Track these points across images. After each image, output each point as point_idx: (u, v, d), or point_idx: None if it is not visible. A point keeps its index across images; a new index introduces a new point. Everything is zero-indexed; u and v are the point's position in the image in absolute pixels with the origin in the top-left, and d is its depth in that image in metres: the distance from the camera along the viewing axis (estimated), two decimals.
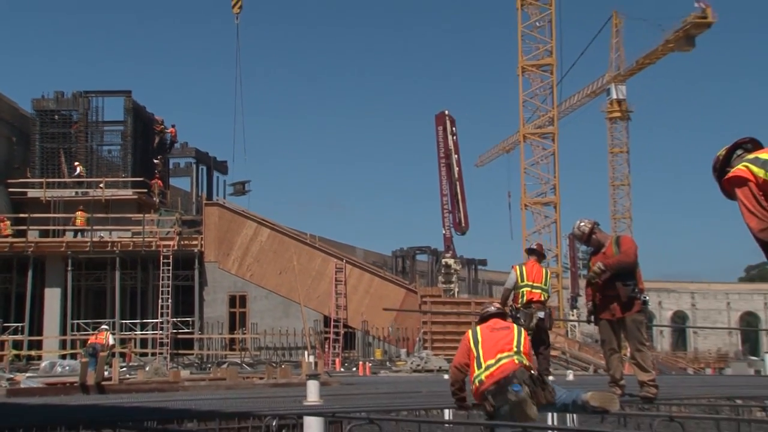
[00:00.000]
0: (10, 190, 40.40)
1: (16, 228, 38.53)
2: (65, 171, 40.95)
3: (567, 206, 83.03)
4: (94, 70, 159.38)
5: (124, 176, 41.11)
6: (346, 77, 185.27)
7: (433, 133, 53.00)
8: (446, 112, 52.71)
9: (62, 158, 41.19)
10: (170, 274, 37.51)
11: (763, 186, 4.26)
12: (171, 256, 37.74)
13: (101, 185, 40.17)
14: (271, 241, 40.02)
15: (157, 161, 43.59)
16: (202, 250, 39.15)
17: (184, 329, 38.36)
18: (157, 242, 38.17)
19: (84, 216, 38.75)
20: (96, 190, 40.06)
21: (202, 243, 39.20)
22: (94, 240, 38.23)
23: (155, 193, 41.77)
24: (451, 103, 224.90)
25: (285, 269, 39.37)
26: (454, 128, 52.65)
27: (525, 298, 9.82)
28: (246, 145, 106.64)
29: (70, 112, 42.50)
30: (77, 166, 40.64)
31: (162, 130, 44.48)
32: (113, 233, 39.20)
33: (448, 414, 13.77)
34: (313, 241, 41.58)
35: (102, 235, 38.94)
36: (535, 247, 10.83)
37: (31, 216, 38.57)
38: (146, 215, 39.38)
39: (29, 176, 41.03)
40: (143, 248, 38.22)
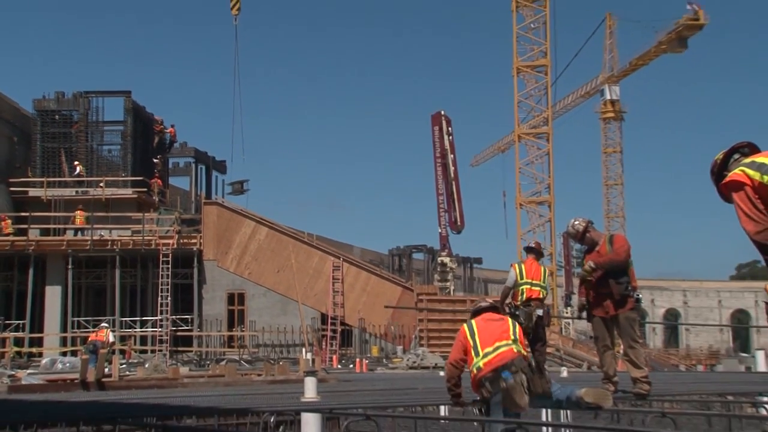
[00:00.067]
0: (12, 189, 40.39)
1: (17, 226, 38.51)
2: (66, 170, 40.92)
3: (561, 205, 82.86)
4: (95, 71, 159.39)
5: (124, 175, 41.09)
6: (344, 78, 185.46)
7: (430, 133, 53.09)
8: (442, 113, 52.76)
9: (63, 158, 41.17)
10: (169, 272, 37.52)
11: (760, 189, 4.31)
12: (170, 254, 37.75)
13: (101, 184, 40.17)
14: (269, 240, 40.01)
15: (157, 161, 43.58)
16: (201, 249, 39.15)
17: (183, 327, 38.37)
18: (156, 241, 38.17)
19: (83, 215, 38.75)
20: (96, 189, 40.08)
21: (201, 241, 39.19)
22: (95, 238, 38.24)
23: (155, 192, 41.76)
24: (447, 104, 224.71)
25: (283, 267, 39.37)
26: (450, 128, 52.72)
27: (524, 296, 9.82)
28: (244, 145, 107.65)
29: (71, 112, 42.48)
30: (77, 166, 40.61)
31: (161, 129, 44.47)
32: (113, 232, 39.17)
33: (443, 410, 13.78)
34: (311, 239, 41.58)
35: (102, 234, 38.92)
36: (534, 245, 10.83)
37: (32, 215, 38.59)
38: (146, 214, 39.40)
39: (30, 175, 41.00)
40: (143, 247, 38.23)
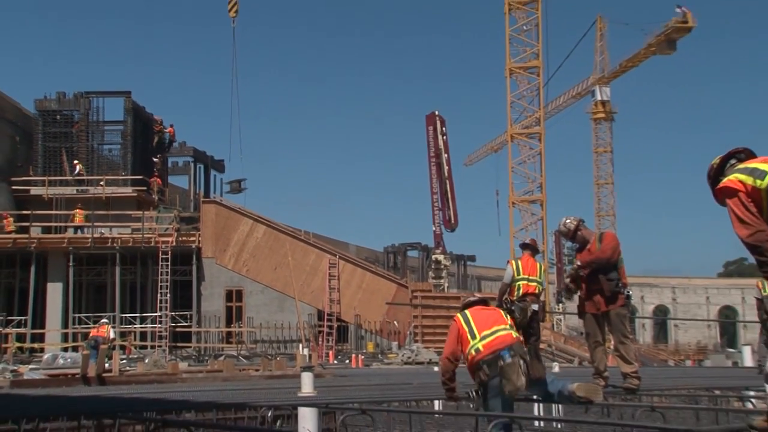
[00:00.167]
0: (14, 187, 40.34)
1: (19, 224, 38.49)
2: (67, 169, 40.87)
3: (553, 204, 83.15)
4: (95, 72, 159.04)
5: (124, 174, 41.04)
6: (340, 78, 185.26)
7: (424, 133, 53.10)
8: (436, 113, 52.77)
9: (64, 157, 41.13)
10: (169, 270, 37.48)
11: (753, 193, 4.49)
12: (169, 251, 37.71)
13: (102, 183, 40.13)
14: (267, 238, 39.98)
15: (156, 160, 43.52)
16: (200, 246, 39.11)
17: (182, 323, 38.34)
18: (156, 238, 38.13)
19: (82, 213, 38.74)
20: (97, 187, 40.05)
21: (199, 239, 39.15)
22: (95, 236, 38.22)
23: (154, 191, 41.71)
24: (442, 104, 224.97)
25: (280, 265, 39.35)
26: (444, 128, 52.73)
27: (521, 291, 9.82)
28: (242, 145, 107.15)
29: (72, 112, 42.42)
30: (77, 165, 40.56)
31: (161, 129, 44.43)
32: (113, 230, 39.12)
33: (438, 405, 13.80)
34: (308, 237, 41.56)
35: (102, 232, 38.88)
36: (529, 242, 10.82)
37: (34, 213, 38.56)
38: (145, 212, 39.39)
39: (32, 174, 40.96)
40: (142, 244, 38.19)
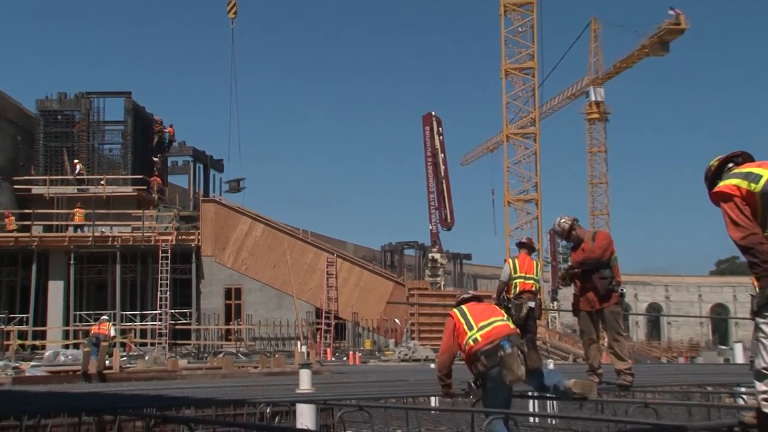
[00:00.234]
0: (16, 186, 40.31)
1: (21, 223, 38.49)
2: (68, 169, 40.84)
3: (548, 203, 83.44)
4: (96, 73, 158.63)
5: (124, 174, 41.01)
6: (338, 79, 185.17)
7: (421, 133, 53.05)
8: (433, 113, 52.70)
9: (65, 156, 41.11)
10: (168, 268, 37.47)
11: (747, 197, 4.63)
12: (169, 250, 37.69)
13: (102, 182, 40.11)
14: (265, 236, 39.96)
15: (156, 159, 43.49)
16: (199, 245, 39.09)
17: (181, 320, 38.35)
18: (155, 237, 38.10)
19: (82, 212, 38.72)
20: (97, 187, 40.02)
21: (199, 238, 39.13)
22: (96, 235, 38.19)
23: (154, 190, 41.69)
24: (438, 105, 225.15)
25: (278, 263, 39.34)
26: (441, 128, 52.65)
27: (518, 289, 9.83)
28: (241, 144, 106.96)
29: (73, 112, 42.39)
30: (77, 164, 40.54)
31: (161, 129, 44.40)
32: (114, 228, 39.09)
33: (434, 401, 13.78)
34: (306, 236, 41.53)
35: (103, 230, 38.85)
36: (525, 241, 10.84)
37: (36, 212, 38.54)
38: (145, 211, 39.35)
39: (33, 174, 40.94)
40: (143, 243, 38.17)
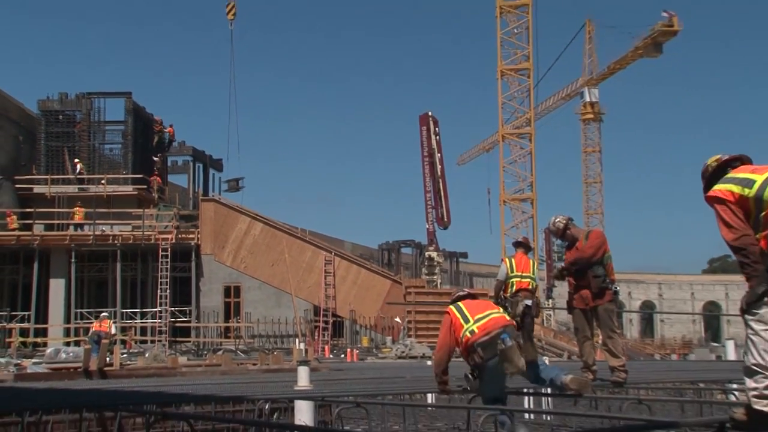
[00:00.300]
0: (17, 186, 40.22)
1: (22, 222, 38.41)
2: (69, 168, 40.79)
3: (543, 202, 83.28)
4: (97, 73, 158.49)
5: (124, 173, 40.95)
6: (336, 79, 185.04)
7: (418, 133, 53.09)
8: (430, 114, 52.74)
9: (66, 156, 41.05)
10: (168, 266, 37.42)
11: (741, 201, 4.78)
12: (169, 248, 37.64)
13: (103, 182, 40.05)
14: (264, 235, 39.93)
15: (156, 159, 43.43)
16: (199, 243, 39.04)
17: (181, 318, 38.33)
18: (155, 236, 38.05)
19: (82, 211, 38.69)
20: (98, 186, 39.96)
21: (198, 236, 39.09)
22: (97, 233, 38.16)
23: (154, 189, 41.63)
24: (435, 105, 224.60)
25: (277, 261, 39.31)
26: (437, 129, 52.71)
27: (515, 288, 9.84)
28: (240, 144, 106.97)
29: (74, 112, 42.31)
30: (77, 164, 40.50)
31: (161, 129, 44.34)
32: (114, 227, 39.04)
33: (431, 398, 13.80)
34: (304, 234, 41.49)
35: (104, 229, 38.80)
36: (522, 240, 10.85)
37: (37, 210, 38.45)
38: (146, 210, 39.31)
39: (35, 173, 40.87)
40: (143, 241, 38.12)
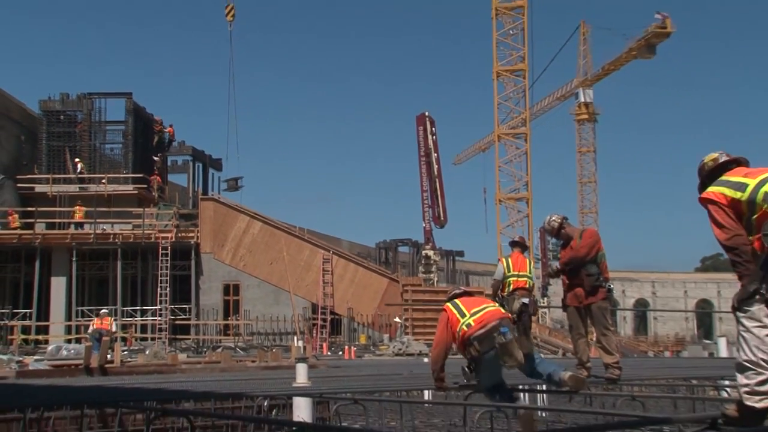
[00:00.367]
0: (19, 185, 40.17)
1: (24, 221, 38.35)
2: (70, 168, 40.75)
3: (538, 202, 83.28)
4: (98, 74, 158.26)
5: (125, 173, 40.91)
6: (334, 79, 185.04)
7: (415, 133, 53.07)
8: (426, 114, 52.71)
9: (67, 156, 40.99)
10: (168, 264, 37.41)
11: (733, 204, 4.85)
12: (169, 247, 37.62)
13: (104, 181, 40.01)
14: (263, 234, 39.92)
15: (157, 159, 43.34)
16: (198, 242, 39.03)
17: (181, 316, 38.32)
18: (156, 234, 38.03)
19: (82, 210, 38.66)
20: (99, 185, 39.92)
21: (198, 235, 39.07)
22: (97, 232, 38.12)
23: (154, 189, 41.56)
24: (432, 105, 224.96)
25: (275, 260, 39.30)
26: (434, 128, 52.67)
27: (512, 287, 9.85)
28: (239, 144, 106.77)
29: (75, 112, 42.27)
30: (78, 163, 40.46)
31: (161, 129, 44.27)
32: (115, 226, 39.01)
33: (427, 395, 13.81)
34: (302, 233, 41.50)
35: (104, 228, 38.75)
36: (518, 239, 10.85)
37: (38, 209, 38.43)
38: (146, 209, 39.27)
39: (36, 172, 40.80)
40: (143, 240, 38.09)
